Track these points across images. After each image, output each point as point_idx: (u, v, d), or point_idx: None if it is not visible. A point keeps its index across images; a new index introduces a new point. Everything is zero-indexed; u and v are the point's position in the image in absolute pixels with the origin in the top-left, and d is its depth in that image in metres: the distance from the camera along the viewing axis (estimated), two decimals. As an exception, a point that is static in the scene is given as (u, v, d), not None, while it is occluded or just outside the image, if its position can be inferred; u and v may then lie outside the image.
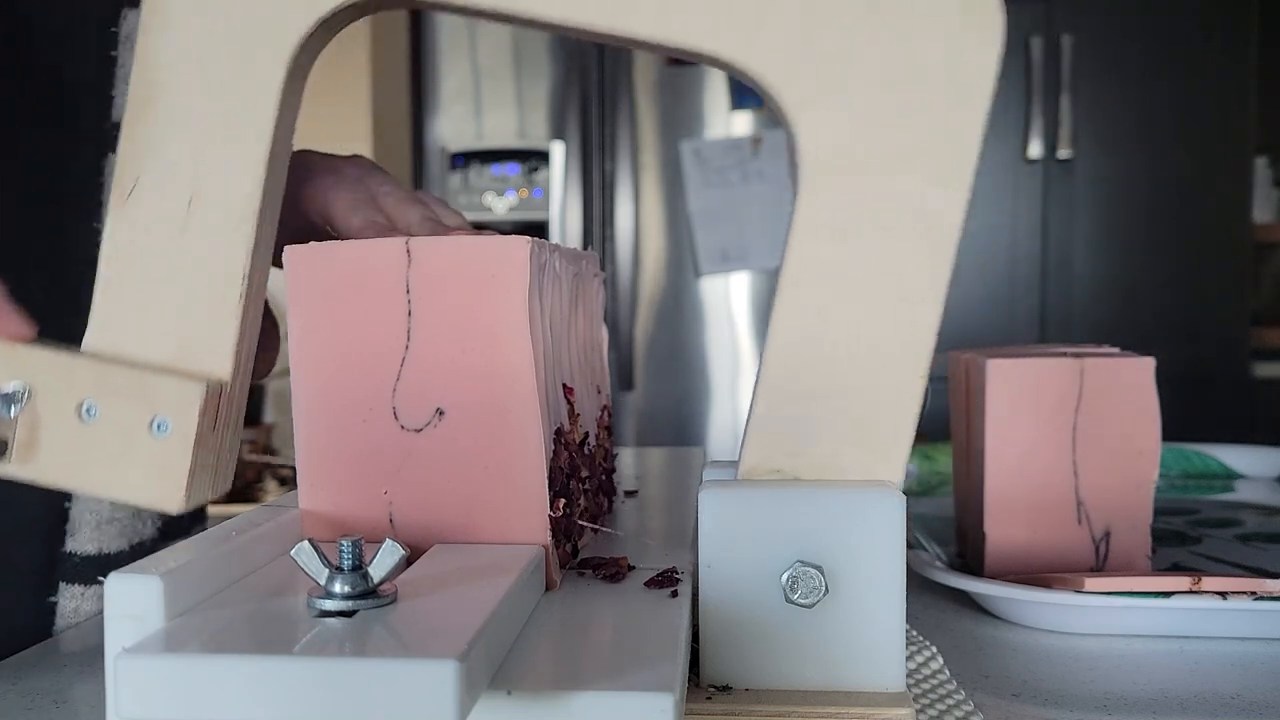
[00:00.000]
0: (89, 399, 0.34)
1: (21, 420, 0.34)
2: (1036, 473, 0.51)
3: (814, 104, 0.34)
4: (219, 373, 0.35)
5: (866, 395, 0.34)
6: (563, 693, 0.25)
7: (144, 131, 0.36)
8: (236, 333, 0.36)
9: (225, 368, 0.36)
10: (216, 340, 0.36)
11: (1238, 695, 0.40)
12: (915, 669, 0.40)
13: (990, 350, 0.57)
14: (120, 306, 0.36)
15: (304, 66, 0.37)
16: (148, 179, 0.36)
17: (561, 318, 0.39)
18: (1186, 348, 2.12)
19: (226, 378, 0.36)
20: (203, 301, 0.36)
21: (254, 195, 0.36)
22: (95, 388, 0.34)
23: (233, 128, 0.36)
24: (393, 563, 0.27)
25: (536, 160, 2.36)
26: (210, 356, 0.36)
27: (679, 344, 2.21)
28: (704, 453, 0.67)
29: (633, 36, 0.34)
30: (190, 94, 0.36)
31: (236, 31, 0.35)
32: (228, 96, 0.36)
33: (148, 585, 0.27)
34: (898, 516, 0.32)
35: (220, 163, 0.36)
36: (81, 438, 0.34)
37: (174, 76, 0.36)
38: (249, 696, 0.23)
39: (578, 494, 0.39)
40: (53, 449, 0.34)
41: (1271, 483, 0.84)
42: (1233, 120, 2.10)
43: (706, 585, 0.33)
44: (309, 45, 0.36)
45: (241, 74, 0.35)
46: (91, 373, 0.34)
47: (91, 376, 0.34)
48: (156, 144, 0.36)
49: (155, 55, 0.36)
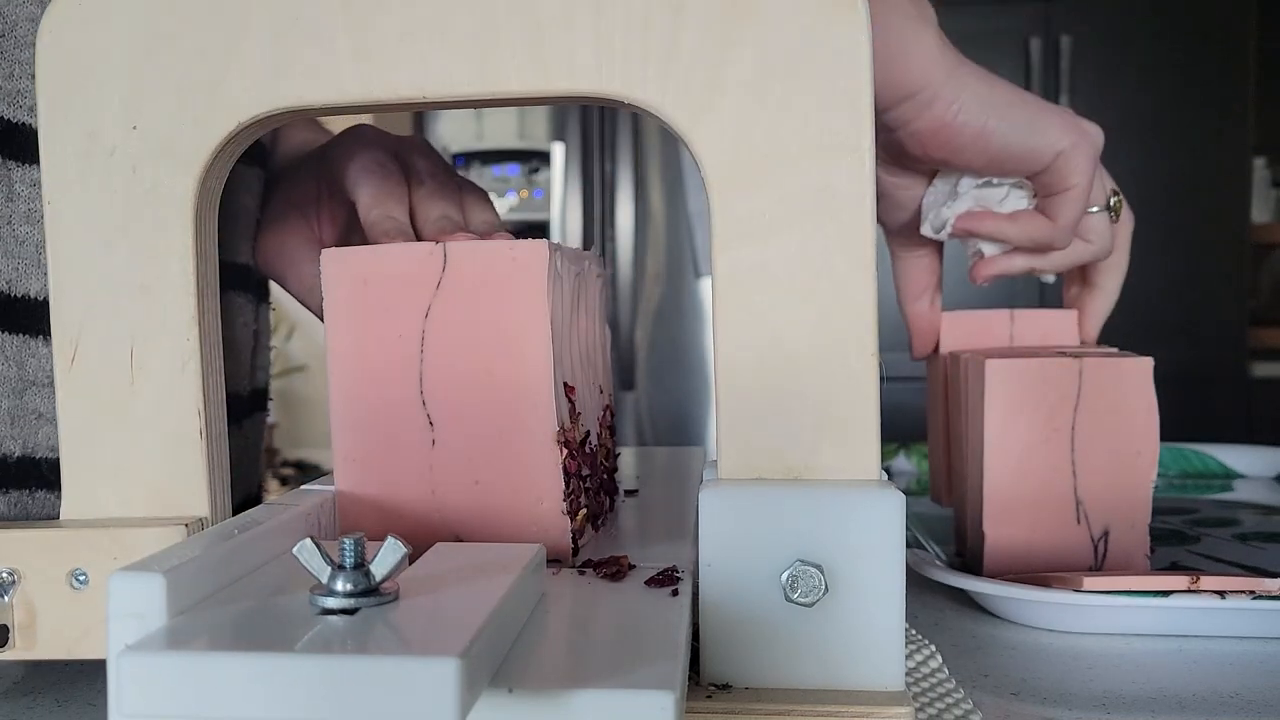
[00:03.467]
0: (77, 567, 0.35)
1: (17, 603, 0.35)
2: (1035, 472, 0.52)
3: (702, 117, 0.34)
4: (196, 511, 0.37)
5: (826, 386, 0.34)
6: (564, 691, 0.25)
7: (70, 296, 0.37)
8: (205, 469, 0.37)
9: (202, 505, 0.37)
10: (187, 480, 0.37)
11: (1236, 694, 0.40)
12: (914, 668, 0.40)
13: (989, 350, 0.57)
14: (88, 469, 0.37)
15: (211, 193, 0.38)
16: (86, 341, 0.37)
17: (563, 317, 0.40)
18: (1185, 348, 2.12)
19: (205, 513, 0.37)
20: (166, 446, 0.37)
21: (190, 333, 0.37)
22: (81, 555, 0.35)
23: (153, 272, 0.37)
24: (394, 561, 0.27)
25: (537, 161, 2.36)
26: (185, 497, 0.37)
27: (679, 344, 2.21)
28: (704, 453, 0.67)
29: (514, 95, 0.36)
30: (106, 244, 0.37)
31: (137, 176, 0.37)
32: (142, 242, 0.37)
33: (150, 583, 0.27)
34: (897, 516, 0.32)
35: (149, 310, 0.37)
36: (78, 606, 0.35)
37: (86, 235, 0.37)
38: (251, 693, 0.23)
39: (579, 492, 0.40)
40: (52, 624, 0.35)
41: (1270, 482, 0.85)
42: (1232, 120, 2.10)
43: (706, 584, 0.33)
44: (210, 174, 0.37)
45: (150, 219, 0.37)
46: (74, 541, 0.35)
47: (75, 545, 0.35)
48: (86, 302, 0.37)
49: (62, 218, 0.37)
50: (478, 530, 0.38)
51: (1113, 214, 0.58)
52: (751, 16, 0.34)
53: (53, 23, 0.37)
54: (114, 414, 0.37)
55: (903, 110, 0.50)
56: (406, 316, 0.38)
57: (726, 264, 0.35)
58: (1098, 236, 0.58)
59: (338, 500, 0.39)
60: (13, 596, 0.35)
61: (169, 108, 0.36)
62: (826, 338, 0.34)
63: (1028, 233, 0.55)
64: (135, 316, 0.37)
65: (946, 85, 0.49)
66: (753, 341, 0.35)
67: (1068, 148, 0.52)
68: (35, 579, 0.35)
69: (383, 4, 0.35)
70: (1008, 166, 0.53)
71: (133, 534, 0.35)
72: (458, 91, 0.36)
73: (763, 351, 0.35)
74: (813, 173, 0.34)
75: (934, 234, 0.57)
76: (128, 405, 0.37)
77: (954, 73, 0.50)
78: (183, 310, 0.37)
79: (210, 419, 0.37)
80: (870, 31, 0.34)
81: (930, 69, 0.49)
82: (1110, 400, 0.51)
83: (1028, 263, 0.58)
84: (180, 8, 0.36)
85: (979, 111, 0.50)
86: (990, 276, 0.58)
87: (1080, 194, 0.53)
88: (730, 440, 0.35)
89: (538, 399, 0.37)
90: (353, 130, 0.53)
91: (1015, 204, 0.56)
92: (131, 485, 0.37)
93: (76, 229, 0.37)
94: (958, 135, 0.51)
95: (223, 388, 0.39)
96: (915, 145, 0.52)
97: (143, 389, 0.37)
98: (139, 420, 0.37)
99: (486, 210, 0.50)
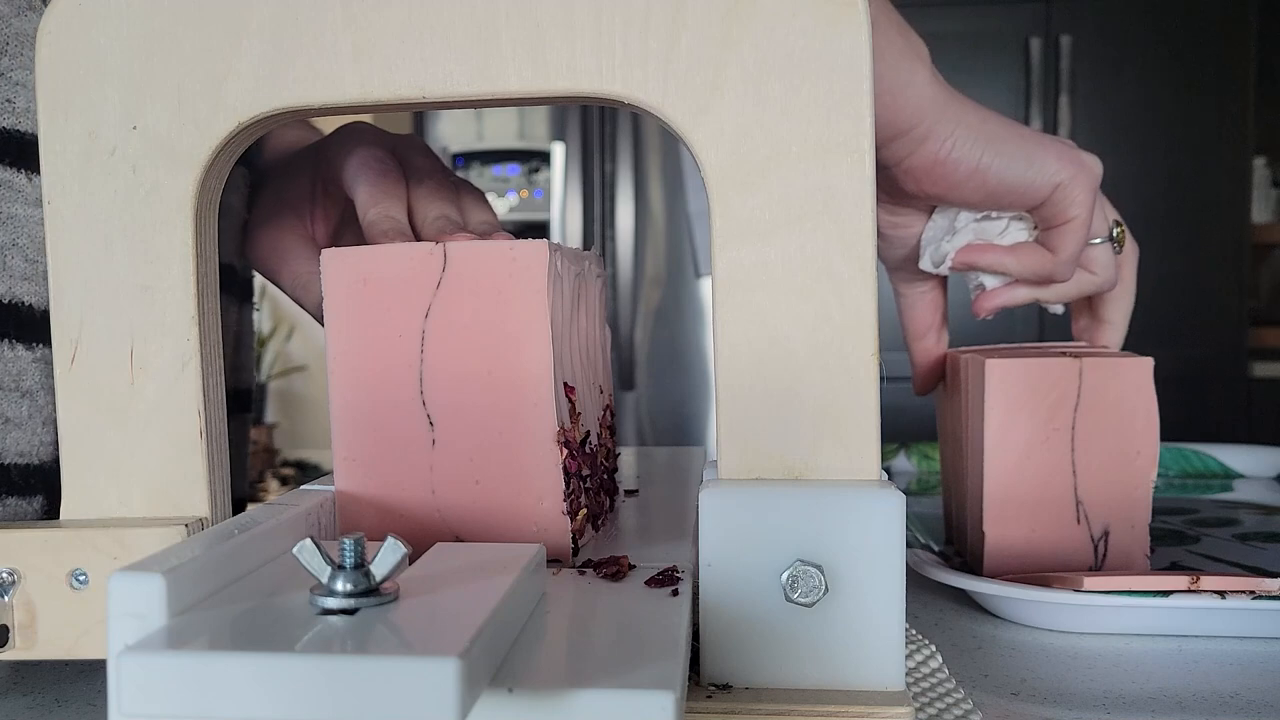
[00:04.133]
0: (77, 567, 0.35)
1: (17, 603, 0.35)
2: (1035, 472, 0.52)
3: (702, 117, 0.34)
4: (196, 511, 0.37)
5: (825, 386, 0.34)
6: (564, 690, 0.26)
7: (70, 292, 0.37)
8: (205, 469, 0.37)
9: (202, 505, 0.37)
10: (187, 480, 0.37)
11: (1236, 694, 0.40)
12: (914, 668, 0.40)
13: (989, 349, 0.57)
14: (89, 469, 0.37)
15: (211, 194, 0.38)
16: (86, 341, 0.37)
17: (563, 317, 0.40)
18: (1185, 347, 2.12)
19: (205, 513, 0.37)
20: (165, 446, 0.37)
21: (190, 333, 0.37)
22: (80, 555, 0.35)
23: (152, 273, 0.37)
24: (394, 561, 0.27)
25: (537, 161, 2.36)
26: (185, 497, 0.37)
27: (679, 344, 2.21)
28: (704, 453, 0.67)
29: (512, 95, 0.36)
30: (106, 246, 0.37)
31: (136, 178, 0.37)
32: (141, 244, 0.37)
33: (150, 583, 0.27)
34: (898, 516, 0.32)
35: (149, 311, 0.37)
36: (77, 606, 0.35)
37: (87, 233, 0.37)
38: (251, 694, 0.23)
39: (579, 492, 0.40)
40: (52, 624, 0.35)
41: (1270, 482, 0.85)
42: (1231, 120, 2.10)
43: (707, 584, 0.33)
44: (210, 175, 0.37)
45: (149, 221, 0.37)
46: (74, 541, 0.35)
47: (75, 545, 0.35)
48: (85, 304, 0.37)
49: (62, 218, 0.37)
50: (478, 530, 0.38)
51: (1116, 244, 0.58)
52: (751, 17, 0.34)
53: (52, 24, 0.37)
54: (114, 414, 0.37)
55: (896, 147, 0.50)
56: (406, 316, 0.38)
57: (726, 263, 0.35)
58: (1101, 268, 0.57)
59: (338, 500, 0.39)
60: (13, 596, 0.35)
61: (169, 108, 0.36)
62: (826, 338, 0.34)
63: (1028, 265, 0.55)
64: (135, 316, 0.37)
65: (940, 122, 0.49)
66: (753, 341, 0.35)
67: (1066, 180, 0.51)
68: (35, 579, 0.35)
69: (382, 4, 0.35)
70: (1005, 201, 0.52)
71: (133, 534, 0.35)
72: (458, 91, 0.36)
73: (763, 351, 0.35)
74: (813, 173, 0.34)
75: (934, 269, 0.57)
76: (128, 405, 0.37)
77: (947, 108, 0.49)
78: (183, 310, 0.37)
79: (210, 419, 0.37)
80: (870, 31, 0.34)
81: (923, 105, 0.48)
82: (1110, 400, 0.51)
83: (1030, 294, 0.57)
84: (180, 8, 0.36)
85: (973, 147, 0.50)
86: (993, 309, 0.57)
87: (1080, 225, 0.53)
88: (730, 440, 0.35)
89: (538, 399, 0.37)
90: (350, 127, 0.53)
91: (1016, 236, 0.56)
92: (131, 485, 0.37)
93: (76, 229, 0.37)
94: (953, 171, 0.50)
95: (222, 388, 0.39)
96: (910, 182, 0.52)
97: (143, 389, 0.37)
98: (139, 420, 0.37)
99: (484, 210, 0.50)
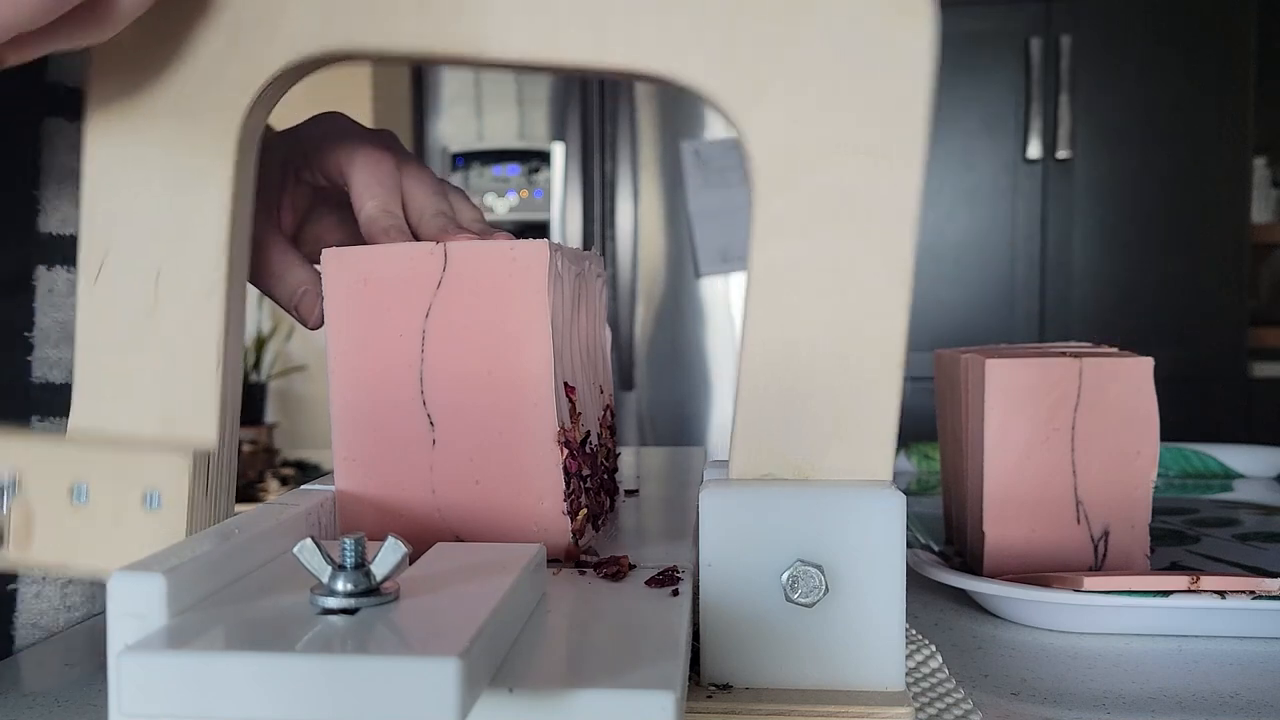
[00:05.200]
0: (79, 481, 0.35)
1: (14, 508, 0.35)
2: (1035, 472, 0.52)
3: (755, 105, 0.34)
4: (205, 441, 0.36)
5: (847, 390, 0.34)
6: (564, 690, 0.26)
7: (103, 212, 0.36)
8: (218, 400, 0.37)
9: (210, 436, 0.36)
10: (199, 410, 0.36)
11: (1236, 694, 0.40)
12: (914, 668, 0.40)
13: (989, 350, 0.57)
14: (101, 386, 0.37)
15: (254, 129, 0.37)
16: (113, 259, 0.36)
17: (563, 317, 0.40)
18: (1185, 347, 2.12)
19: (213, 445, 0.36)
20: (181, 373, 0.36)
21: (219, 263, 0.36)
22: (84, 469, 0.35)
23: (189, 200, 0.36)
24: (395, 561, 0.27)
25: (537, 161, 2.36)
26: (195, 426, 0.36)
27: (679, 344, 2.21)
28: (704, 453, 0.67)
29: (566, 64, 0.35)
30: (144, 169, 0.36)
31: (182, 106, 0.36)
32: (181, 170, 0.36)
33: (150, 583, 0.27)
34: (898, 516, 0.32)
35: (181, 237, 0.36)
36: (75, 519, 0.35)
37: (125, 155, 0.36)
38: (251, 693, 0.23)
39: (579, 492, 0.40)
40: (47, 534, 0.35)
41: (1269, 482, 0.85)
42: (1231, 120, 2.10)
43: (707, 584, 0.33)
44: (257, 109, 0.36)
45: (192, 148, 0.36)
46: (79, 455, 0.35)
47: (79, 458, 0.35)
48: (117, 224, 0.36)
49: (103, 136, 0.36)
50: (478, 530, 0.38)
51: None
52: (816, 12, 0.33)
53: None
54: (133, 334, 0.36)
55: None
56: (407, 316, 0.38)
57: (763, 259, 0.34)
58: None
59: (338, 500, 0.39)
60: (9, 501, 0.35)
61: (224, 34, 0.35)
62: (854, 344, 0.34)
63: None
64: (166, 239, 0.36)
65: None
66: (782, 340, 0.34)
67: None
68: (35, 487, 0.35)
69: None
70: None
71: (140, 455, 0.35)
72: (514, 55, 0.34)
73: (789, 350, 0.34)
74: (862, 175, 0.34)
75: None
76: (148, 327, 0.36)
77: None
78: (215, 240, 0.36)
79: (229, 352, 0.37)
80: (937, 37, 0.33)
81: None
82: (1110, 400, 0.51)
83: None
84: None
85: None
86: None
87: None
88: (744, 440, 0.35)
89: (538, 399, 0.37)
90: (328, 115, 0.51)
91: None
92: (144, 408, 0.36)
93: (115, 146, 0.36)
94: None
95: (244, 325, 0.38)
96: None
97: (166, 313, 0.36)
98: (158, 344, 0.36)
99: (472, 207, 0.50)
